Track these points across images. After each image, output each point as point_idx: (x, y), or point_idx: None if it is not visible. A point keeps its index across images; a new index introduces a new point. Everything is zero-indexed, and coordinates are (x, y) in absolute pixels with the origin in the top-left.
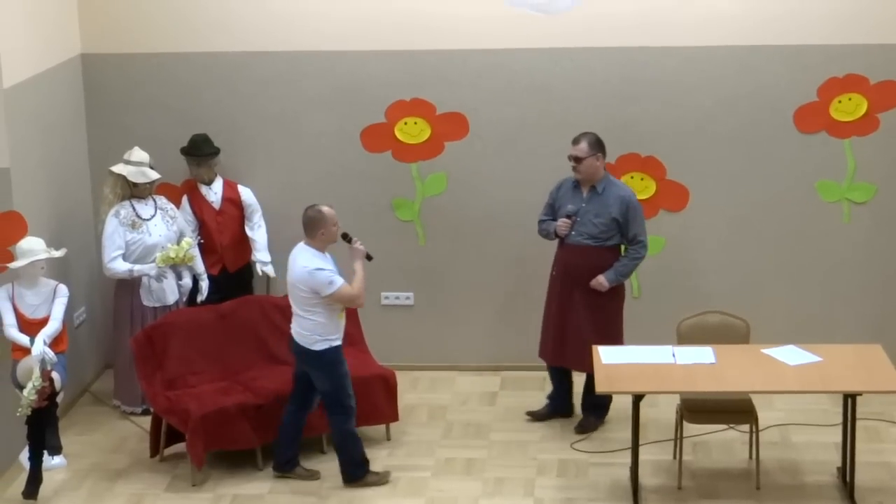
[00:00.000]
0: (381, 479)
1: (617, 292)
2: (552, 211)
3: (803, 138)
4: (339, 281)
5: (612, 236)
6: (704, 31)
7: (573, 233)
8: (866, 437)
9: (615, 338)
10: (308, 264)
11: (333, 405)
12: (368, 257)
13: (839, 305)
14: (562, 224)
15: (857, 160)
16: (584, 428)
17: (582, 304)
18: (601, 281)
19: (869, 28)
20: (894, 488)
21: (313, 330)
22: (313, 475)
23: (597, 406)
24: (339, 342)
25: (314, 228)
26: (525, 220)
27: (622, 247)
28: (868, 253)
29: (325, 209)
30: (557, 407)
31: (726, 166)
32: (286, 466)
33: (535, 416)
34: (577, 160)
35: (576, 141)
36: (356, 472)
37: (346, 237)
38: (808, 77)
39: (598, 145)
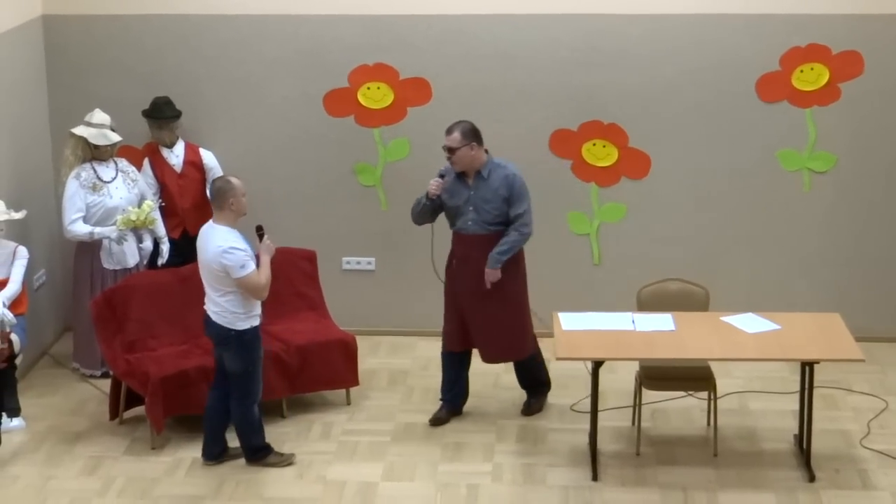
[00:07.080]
0: (285, 460)
1: (515, 272)
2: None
3: (765, 107)
4: (252, 267)
5: (505, 219)
6: (668, 0)
7: (470, 223)
8: (823, 405)
9: (525, 318)
10: (222, 243)
11: (240, 389)
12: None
13: (798, 274)
14: (434, 184)
15: (818, 130)
16: (531, 408)
17: (486, 294)
18: (490, 273)
19: None
20: (850, 456)
21: (231, 308)
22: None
23: (540, 384)
24: (258, 321)
25: (223, 199)
26: None
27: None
28: (828, 222)
29: (234, 179)
30: (456, 405)
31: (688, 134)
32: (222, 455)
33: (438, 422)
34: (450, 150)
35: (449, 131)
36: (256, 455)
37: (260, 231)
38: (771, 46)
39: (471, 134)
